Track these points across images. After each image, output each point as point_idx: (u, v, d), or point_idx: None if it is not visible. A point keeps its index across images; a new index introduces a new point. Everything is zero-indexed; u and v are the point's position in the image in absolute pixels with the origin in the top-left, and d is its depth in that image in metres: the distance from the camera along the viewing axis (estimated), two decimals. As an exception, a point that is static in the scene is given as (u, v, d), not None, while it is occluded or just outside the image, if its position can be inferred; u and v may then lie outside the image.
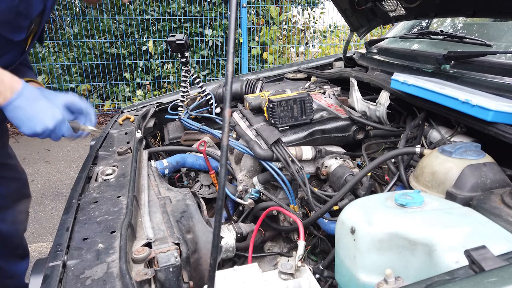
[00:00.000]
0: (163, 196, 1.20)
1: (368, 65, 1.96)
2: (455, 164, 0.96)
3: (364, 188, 1.29)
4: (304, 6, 6.64)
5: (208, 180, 1.74)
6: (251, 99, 1.68)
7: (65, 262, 0.84)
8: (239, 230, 1.37)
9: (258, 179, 1.47)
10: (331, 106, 1.63)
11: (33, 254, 2.77)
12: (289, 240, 1.60)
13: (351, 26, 2.26)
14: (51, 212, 3.34)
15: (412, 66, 1.62)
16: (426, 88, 1.24)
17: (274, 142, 1.40)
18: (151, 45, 5.65)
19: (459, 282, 0.56)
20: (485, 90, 1.23)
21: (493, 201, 0.84)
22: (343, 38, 6.86)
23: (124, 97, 5.92)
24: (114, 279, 0.77)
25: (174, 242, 0.92)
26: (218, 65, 6.06)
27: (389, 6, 1.89)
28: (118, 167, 1.32)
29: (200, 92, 2.07)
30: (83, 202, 1.11)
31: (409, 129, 1.38)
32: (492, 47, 1.45)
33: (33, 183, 3.85)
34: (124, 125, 1.82)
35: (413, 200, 0.83)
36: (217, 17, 5.80)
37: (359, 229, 0.79)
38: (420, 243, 0.73)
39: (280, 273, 0.79)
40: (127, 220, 0.94)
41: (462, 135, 1.25)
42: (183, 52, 1.92)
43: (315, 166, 1.48)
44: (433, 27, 2.06)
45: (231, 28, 0.55)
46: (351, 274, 0.81)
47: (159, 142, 2.13)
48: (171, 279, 0.85)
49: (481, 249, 0.60)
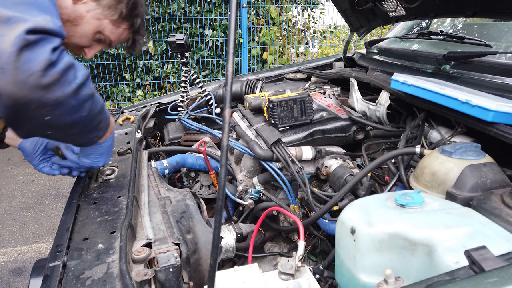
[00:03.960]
0: (163, 196, 1.20)
1: (368, 65, 1.96)
2: (455, 165, 0.96)
3: (364, 189, 1.29)
4: (304, 6, 6.64)
5: (208, 181, 1.74)
6: (251, 99, 1.68)
7: (65, 262, 0.84)
8: (239, 230, 1.37)
9: (258, 180, 1.47)
10: (331, 106, 1.63)
11: (33, 254, 2.77)
12: (289, 241, 1.60)
13: (351, 26, 2.26)
14: (51, 212, 3.34)
15: (412, 66, 1.62)
16: (426, 88, 1.24)
17: (274, 143, 1.40)
18: (151, 45, 5.65)
19: (459, 282, 0.56)
20: (485, 90, 1.23)
21: (493, 201, 0.84)
22: (343, 38, 6.86)
23: (124, 97, 5.92)
24: (114, 279, 0.77)
25: (174, 243, 0.92)
26: (218, 66, 6.05)
27: (389, 7, 1.89)
28: (118, 168, 1.32)
29: (200, 93, 2.07)
30: (83, 202, 1.11)
31: (409, 129, 1.38)
32: (492, 48, 1.45)
33: (33, 183, 3.85)
34: (124, 125, 1.82)
35: (413, 200, 0.83)
36: (217, 17, 5.80)
37: (359, 229, 0.79)
38: (420, 243, 0.73)
39: (280, 274, 0.79)
40: (127, 220, 0.94)
41: (462, 135, 1.25)
42: (183, 52, 1.92)
43: (315, 166, 1.48)
44: (433, 27, 2.06)
45: (231, 29, 0.55)
46: (351, 274, 0.81)
47: (159, 143, 2.13)
48: (171, 280, 0.85)
49: (481, 249, 0.60)
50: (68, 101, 0.79)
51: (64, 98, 0.78)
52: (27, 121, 0.79)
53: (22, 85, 0.71)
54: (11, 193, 3.70)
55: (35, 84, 0.72)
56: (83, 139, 1.01)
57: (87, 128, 0.95)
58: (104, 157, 1.14)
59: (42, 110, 0.77)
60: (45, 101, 0.76)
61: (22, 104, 0.73)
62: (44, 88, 0.74)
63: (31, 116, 0.77)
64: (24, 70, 0.71)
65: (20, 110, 0.74)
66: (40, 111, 0.77)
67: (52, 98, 0.76)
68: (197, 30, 5.80)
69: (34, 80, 0.72)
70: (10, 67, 0.70)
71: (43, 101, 0.75)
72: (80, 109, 0.84)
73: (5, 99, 0.71)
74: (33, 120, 0.79)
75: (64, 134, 0.91)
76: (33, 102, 0.74)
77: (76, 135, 0.95)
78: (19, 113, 0.75)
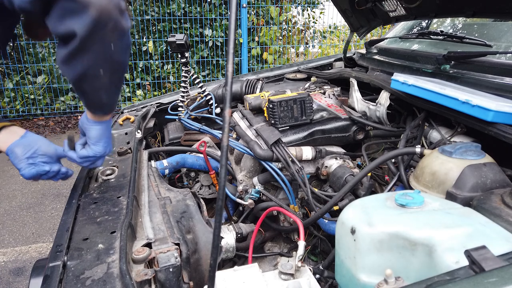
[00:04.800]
0: (163, 196, 1.20)
1: (368, 65, 1.96)
2: (455, 164, 0.96)
3: (364, 189, 1.29)
4: (304, 6, 6.64)
5: (208, 181, 1.74)
6: (251, 99, 1.68)
7: (65, 262, 0.84)
8: (239, 230, 1.37)
9: (258, 180, 1.47)
10: (331, 106, 1.63)
11: (33, 254, 2.78)
12: (289, 241, 1.60)
13: (351, 26, 2.26)
14: (51, 212, 3.34)
15: (412, 66, 1.62)
16: (426, 88, 1.24)
17: (274, 143, 1.40)
18: (151, 45, 5.65)
19: (459, 282, 0.56)
20: (485, 90, 1.23)
21: (493, 201, 0.84)
22: (343, 38, 6.86)
23: (124, 97, 5.92)
24: (114, 279, 0.77)
25: (174, 243, 0.92)
26: (218, 66, 6.05)
27: (389, 6, 1.89)
28: (118, 168, 1.32)
29: (200, 93, 2.07)
30: (83, 202, 1.11)
31: (409, 129, 1.38)
32: (492, 47, 1.45)
33: (33, 183, 3.85)
34: (124, 126, 1.82)
35: (413, 200, 0.83)
36: (217, 17, 5.80)
37: (359, 229, 0.79)
38: (420, 243, 0.73)
39: (280, 274, 0.79)
40: (127, 220, 0.94)
41: (462, 135, 1.25)
42: (183, 52, 1.92)
43: (315, 166, 1.48)
44: (433, 27, 2.06)
45: (231, 29, 0.55)
46: (351, 274, 0.81)
47: (159, 143, 2.13)
48: (171, 280, 0.85)
49: (481, 249, 0.60)
50: (126, 36, 0.89)
51: (127, 30, 0.88)
52: (98, 43, 0.85)
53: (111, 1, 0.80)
54: (11, 193, 3.70)
55: (117, 5, 0.82)
56: (111, 96, 1.04)
57: (121, 79, 1.02)
58: (110, 143, 1.15)
59: (114, 34, 0.85)
60: (120, 25, 0.85)
61: (104, 19, 0.81)
62: (122, 13, 0.84)
63: (103, 38, 0.84)
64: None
65: (101, 27, 0.81)
66: (112, 34, 0.85)
67: (123, 25, 0.85)
68: (197, 30, 5.80)
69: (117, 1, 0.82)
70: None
71: (118, 24, 0.84)
72: (127, 51, 0.94)
73: (93, 11, 0.78)
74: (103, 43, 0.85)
75: (107, 79, 0.95)
76: (113, 21, 0.82)
77: (112, 85, 0.99)
78: (98, 30, 0.82)
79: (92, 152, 1.09)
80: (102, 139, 1.09)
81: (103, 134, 1.09)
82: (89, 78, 0.96)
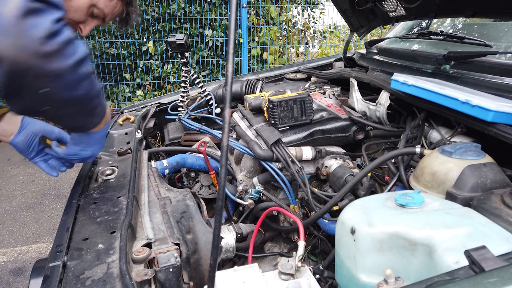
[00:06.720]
0: (163, 196, 1.20)
1: (368, 65, 1.96)
2: (455, 165, 0.96)
3: (364, 189, 1.29)
4: (304, 6, 6.64)
5: (208, 181, 1.74)
6: (251, 99, 1.68)
7: (65, 262, 0.84)
8: (239, 230, 1.37)
9: (258, 180, 1.47)
10: (331, 107, 1.63)
11: (33, 254, 2.78)
12: (289, 241, 1.60)
13: (351, 26, 2.26)
14: (51, 212, 3.34)
15: (412, 66, 1.62)
16: (426, 89, 1.24)
17: (274, 143, 1.40)
18: (151, 45, 5.65)
19: (459, 282, 0.56)
20: (485, 91, 1.23)
21: (493, 201, 0.84)
22: (343, 38, 6.86)
23: (124, 97, 5.92)
24: (114, 279, 0.77)
25: (174, 243, 0.92)
26: (218, 66, 6.05)
27: (389, 7, 1.89)
28: (118, 168, 1.32)
29: (200, 93, 2.07)
30: (83, 202, 1.11)
31: (409, 129, 1.38)
32: (492, 48, 1.45)
33: (33, 183, 3.86)
34: (124, 126, 1.82)
35: (413, 200, 0.83)
36: (217, 17, 5.80)
37: (359, 229, 0.79)
38: (420, 243, 0.73)
39: (280, 274, 0.79)
40: (127, 220, 0.94)
41: (462, 135, 1.25)
42: (183, 52, 1.92)
43: (315, 167, 1.48)
44: (433, 27, 2.06)
45: (231, 29, 0.55)
46: (351, 274, 0.81)
47: (159, 143, 2.13)
48: (171, 280, 0.85)
49: (481, 249, 0.60)
50: (66, 75, 0.80)
51: (62, 70, 0.79)
52: (25, 91, 0.79)
53: (23, 49, 0.72)
54: (11, 193, 3.70)
55: (36, 51, 0.73)
56: (77, 122, 1.00)
57: (82, 109, 0.94)
58: (95, 148, 1.11)
59: (41, 80, 0.78)
60: (44, 71, 0.76)
61: (22, 70, 0.74)
62: (44, 57, 0.75)
63: (29, 86, 0.78)
64: (27, 35, 0.72)
65: (20, 77, 0.75)
66: (38, 80, 0.77)
67: (51, 68, 0.77)
68: (197, 30, 5.79)
69: (35, 46, 0.73)
70: (13, 31, 0.71)
71: (42, 70, 0.76)
72: (77, 86, 0.84)
73: (6, 63, 0.72)
74: (31, 90, 0.79)
75: (60, 112, 0.90)
76: (32, 69, 0.75)
77: (72, 116, 0.94)
78: (19, 80, 0.76)
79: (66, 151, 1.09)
80: (82, 143, 1.08)
81: (85, 140, 1.08)
82: (37, 114, 0.92)
